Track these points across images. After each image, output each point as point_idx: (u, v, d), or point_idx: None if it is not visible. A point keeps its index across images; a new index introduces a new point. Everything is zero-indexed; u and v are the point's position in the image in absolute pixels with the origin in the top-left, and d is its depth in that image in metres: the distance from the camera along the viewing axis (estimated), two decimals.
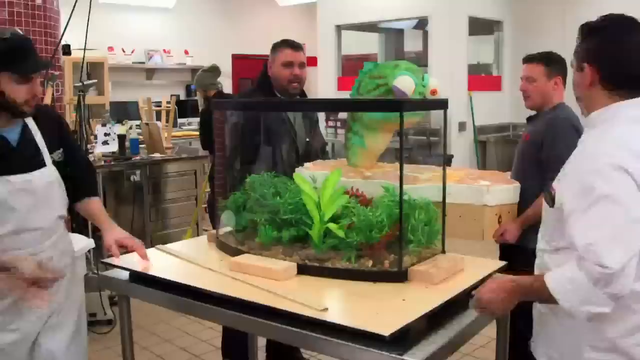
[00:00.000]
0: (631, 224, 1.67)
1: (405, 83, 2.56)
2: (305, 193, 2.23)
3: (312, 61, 11.37)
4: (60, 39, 4.38)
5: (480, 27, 8.81)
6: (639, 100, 1.84)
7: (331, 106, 3.00)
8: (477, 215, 2.73)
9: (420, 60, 8.60)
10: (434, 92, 2.61)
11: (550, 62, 3.19)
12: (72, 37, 4.31)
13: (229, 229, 2.60)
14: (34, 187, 2.28)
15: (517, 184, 2.92)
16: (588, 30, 1.90)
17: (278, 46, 3.32)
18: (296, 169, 2.88)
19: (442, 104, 2.36)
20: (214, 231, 2.65)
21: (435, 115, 7.36)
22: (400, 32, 10.46)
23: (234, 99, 3.43)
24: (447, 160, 7.59)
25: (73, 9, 3.94)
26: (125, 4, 9.93)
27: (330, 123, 8.55)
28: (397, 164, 2.41)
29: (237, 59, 11.26)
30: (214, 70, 5.55)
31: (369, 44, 10.53)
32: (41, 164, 2.33)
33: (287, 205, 2.32)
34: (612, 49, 1.85)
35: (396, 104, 2.10)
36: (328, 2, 9.38)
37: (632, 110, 1.83)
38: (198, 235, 5.51)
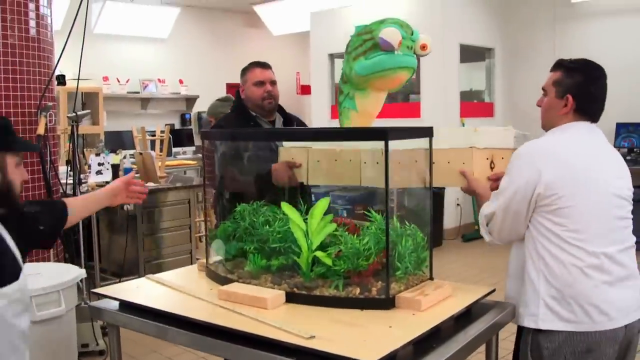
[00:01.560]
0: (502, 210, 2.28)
1: (390, 33, 2.48)
2: (293, 222, 2.25)
3: (306, 89, 11.46)
4: (54, 70, 4.43)
5: (472, 54, 8.90)
6: (589, 125, 2.35)
7: (314, 136, 2.99)
8: (466, 158, 2.59)
9: (413, 87, 8.67)
10: (424, 47, 2.57)
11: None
12: (67, 67, 4.36)
13: (219, 258, 2.62)
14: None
15: (511, 128, 2.76)
16: (573, 69, 2.32)
17: (247, 69, 3.45)
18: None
19: (428, 132, 2.40)
20: (204, 260, 2.66)
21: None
22: None
23: (218, 127, 3.42)
24: (439, 187, 7.63)
25: (67, 41, 3.99)
26: (120, 34, 10.02)
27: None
28: None
29: (232, 88, 11.34)
30: (228, 100, 5.76)
31: None
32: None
33: (276, 234, 2.35)
34: (590, 87, 2.31)
35: (381, 133, 2.12)
36: (320, 31, 9.47)
37: (583, 129, 2.32)
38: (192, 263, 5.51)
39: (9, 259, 1.95)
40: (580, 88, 2.31)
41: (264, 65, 3.44)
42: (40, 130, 4.09)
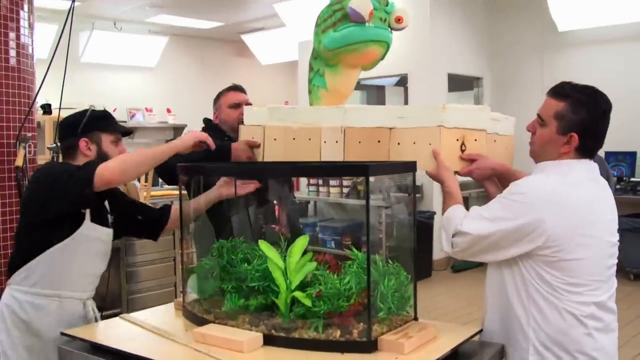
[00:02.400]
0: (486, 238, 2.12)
1: (360, 3, 2.34)
2: (270, 260, 2.17)
3: None
4: (34, 100, 4.34)
5: (460, 83, 8.89)
6: (589, 164, 2.19)
7: (292, 171, 2.86)
8: (433, 138, 2.31)
9: None
10: (399, 19, 2.43)
11: None
12: (53, 96, 4.27)
13: (195, 296, 2.52)
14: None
15: (486, 107, 2.54)
16: (580, 102, 2.12)
17: (221, 93, 3.41)
18: None
19: (411, 167, 2.32)
20: (181, 299, 2.57)
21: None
22: (382, 88, 10.55)
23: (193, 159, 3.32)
24: (428, 217, 7.56)
25: (47, 70, 3.92)
26: (107, 63, 9.99)
27: (312, 181, 8.51)
28: None
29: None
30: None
31: (350, 99, 10.56)
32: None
33: (255, 272, 2.26)
34: (598, 124, 2.15)
35: (362, 168, 2.05)
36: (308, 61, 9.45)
37: (585, 172, 2.17)
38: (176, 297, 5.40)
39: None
40: (586, 125, 2.13)
41: (239, 89, 3.41)
42: (19, 161, 3.99)
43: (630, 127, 7.62)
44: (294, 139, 2.58)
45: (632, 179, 7.63)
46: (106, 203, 2.72)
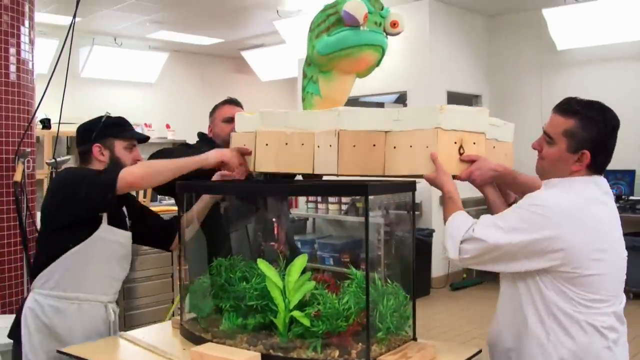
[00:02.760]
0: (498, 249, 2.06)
1: (354, 6, 2.28)
2: (269, 279, 2.16)
3: None
4: (34, 115, 4.35)
5: (459, 100, 8.90)
6: (601, 180, 2.15)
7: (291, 191, 2.84)
8: (430, 140, 2.20)
9: None
10: (394, 24, 2.37)
11: None
12: (53, 110, 4.28)
13: (193, 315, 2.51)
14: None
15: (484, 109, 2.41)
16: (589, 118, 2.08)
17: (217, 107, 3.36)
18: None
19: (411, 187, 2.32)
20: (178, 317, 2.56)
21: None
22: (381, 105, 10.56)
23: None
24: (427, 235, 7.54)
25: (47, 85, 3.92)
26: (107, 78, 10.01)
27: (311, 197, 8.50)
28: None
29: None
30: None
31: None
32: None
33: (253, 291, 2.25)
34: (608, 140, 2.12)
35: (361, 188, 2.05)
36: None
37: (598, 189, 2.13)
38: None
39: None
40: (597, 142, 2.10)
41: (235, 102, 3.34)
42: (17, 177, 3.99)
43: (629, 146, 7.63)
44: (286, 144, 2.50)
45: (631, 198, 7.63)
46: (124, 208, 2.76)
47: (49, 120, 7.95)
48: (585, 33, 7.84)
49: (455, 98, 8.61)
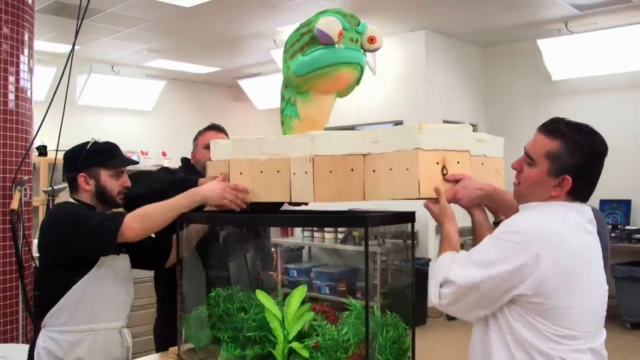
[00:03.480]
0: (477, 288, 1.89)
1: (328, 23, 2.18)
2: (268, 310, 2.15)
3: None
4: (32, 142, 4.35)
5: None
6: (583, 208, 1.99)
7: (289, 222, 2.68)
8: (410, 162, 2.05)
9: None
10: (372, 39, 2.28)
11: None
12: (49, 137, 4.29)
13: (191, 345, 2.49)
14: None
15: (467, 125, 2.28)
16: (576, 143, 1.93)
17: (200, 132, 3.34)
18: None
19: (409, 217, 2.31)
20: (176, 347, 2.54)
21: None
22: None
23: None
24: (423, 264, 7.53)
25: (46, 112, 3.93)
26: (104, 106, 10.04)
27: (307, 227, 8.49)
28: None
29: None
30: None
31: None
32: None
33: (251, 322, 2.24)
34: (593, 168, 1.96)
35: (361, 219, 2.04)
36: None
37: (579, 216, 1.97)
38: None
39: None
40: (581, 168, 1.94)
41: (218, 128, 3.31)
42: (14, 205, 3.98)
43: (624, 176, 7.67)
44: (261, 172, 2.38)
45: (627, 227, 7.63)
46: None
47: (45, 147, 7.96)
48: (580, 63, 7.93)
49: None
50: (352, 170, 2.17)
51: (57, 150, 4.36)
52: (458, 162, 2.16)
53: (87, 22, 3.66)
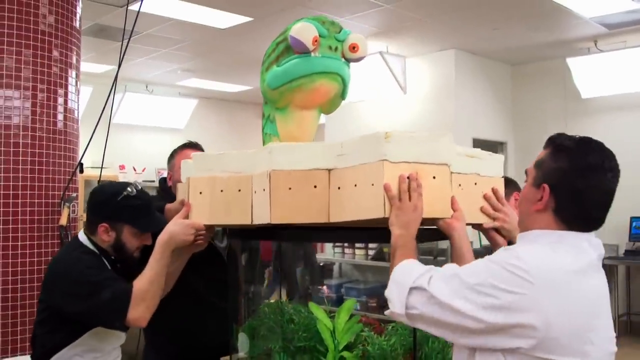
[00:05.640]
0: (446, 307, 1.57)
1: (301, 30, 1.98)
2: (320, 321, 2.25)
3: None
4: (80, 160, 4.52)
5: (484, 147, 8.96)
6: (593, 240, 1.67)
7: (307, 236, 2.46)
8: (375, 177, 1.80)
9: None
10: (354, 47, 2.07)
11: None
12: (85, 156, 4.46)
13: (243, 354, 2.61)
14: None
15: (447, 133, 2.01)
16: (562, 147, 1.69)
17: (176, 151, 3.08)
18: None
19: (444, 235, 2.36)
20: (228, 357, 2.65)
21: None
22: None
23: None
24: None
25: (93, 132, 4.09)
26: (137, 124, 10.26)
27: (338, 243, 8.59)
28: None
29: None
30: None
31: None
32: None
33: (301, 333, 2.35)
34: (578, 179, 1.64)
35: (380, 234, 1.92)
36: (335, 124, 9.66)
37: (588, 253, 1.64)
38: None
39: None
40: (562, 177, 1.63)
41: (195, 146, 3.07)
42: (63, 220, 4.14)
43: None
44: (221, 190, 2.17)
45: None
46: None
47: (81, 164, 8.15)
48: (609, 81, 7.99)
49: (480, 145, 8.71)
50: (314, 187, 1.95)
51: (102, 168, 4.54)
52: (434, 178, 1.90)
53: (125, 43, 3.82)
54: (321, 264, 8.74)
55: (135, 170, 10.07)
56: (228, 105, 11.74)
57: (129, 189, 2.46)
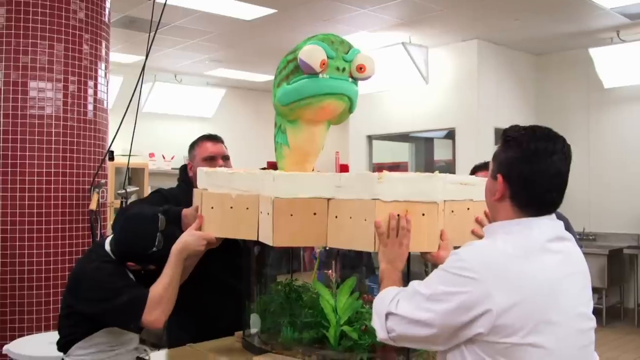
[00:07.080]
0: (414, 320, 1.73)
1: (310, 52, 2.07)
2: (323, 298, 2.43)
3: (344, 168, 11.67)
4: (109, 149, 4.74)
5: None
6: (545, 222, 1.77)
7: None
8: (368, 213, 1.98)
9: (450, 168, 8.87)
10: (361, 68, 2.17)
11: None
12: (115, 143, 4.69)
13: (255, 330, 2.79)
14: None
15: (437, 175, 2.12)
16: (510, 139, 1.79)
17: (196, 142, 3.14)
18: None
19: None
20: (241, 332, 2.84)
21: None
22: (430, 140, 10.79)
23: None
24: None
25: (121, 122, 4.30)
26: (167, 113, 10.49)
27: None
28: None
29: (272, 166, 11.61)
30: None
31: (400, 152, 10.88)
32: None
33: (307, 309, 2.53)
34: (525, 166, 1.75)
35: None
36: (359, 115, 9.74)
37: (541, 234, 1.75)
38: None
39: None
40: (510, 166, 1.75)
41: (215, 139, 3.16)
42: (93, 206, 4.37)
43: None
44: (231, 207, 2.36)
45: None
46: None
47: (112, 152, 8.40)
48: (632, 71, 8.01)
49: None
50: (314, 214, 2.14)
51: (129, 156, 4.76)
52: (423, 215, 2.05)
53: (152, 34, 4.00)
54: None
55: (164, 157, 10.33)
56: (255, 95, 11.93)
57: (157, 243, 2.55)
